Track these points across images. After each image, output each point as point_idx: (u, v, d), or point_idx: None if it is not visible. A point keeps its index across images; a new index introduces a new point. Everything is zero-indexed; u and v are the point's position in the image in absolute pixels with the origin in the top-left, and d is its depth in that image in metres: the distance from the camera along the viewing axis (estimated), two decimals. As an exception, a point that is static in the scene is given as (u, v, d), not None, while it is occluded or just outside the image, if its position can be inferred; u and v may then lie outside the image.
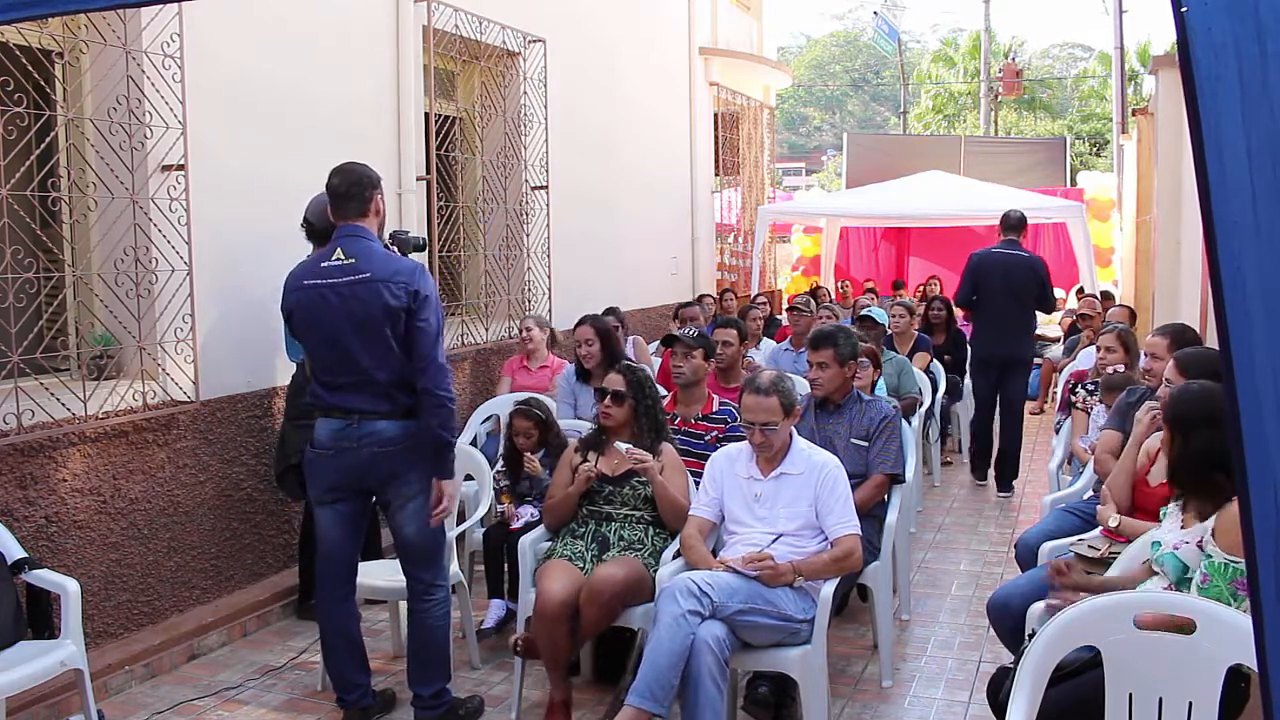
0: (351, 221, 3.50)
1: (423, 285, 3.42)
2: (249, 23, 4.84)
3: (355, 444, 3.46)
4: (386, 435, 3.46)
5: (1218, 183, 0.94)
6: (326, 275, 3.43)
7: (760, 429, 3.57)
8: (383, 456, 3.47)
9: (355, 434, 3.46)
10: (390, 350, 3.41)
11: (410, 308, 3.38)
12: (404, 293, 3.37)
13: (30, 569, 3.44)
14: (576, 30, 7.99)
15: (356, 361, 3.41)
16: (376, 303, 3.36)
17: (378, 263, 3.43)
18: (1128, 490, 3.63)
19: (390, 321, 3.38)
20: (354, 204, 3.50)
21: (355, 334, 3.40)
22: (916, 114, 32.08)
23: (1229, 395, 0.96)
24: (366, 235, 3.49)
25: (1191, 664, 2.32)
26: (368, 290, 3.37)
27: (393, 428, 3.47)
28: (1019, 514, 6.63)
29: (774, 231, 13.91)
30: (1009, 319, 7.13)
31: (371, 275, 3.39)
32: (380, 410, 3.45)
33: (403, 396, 3.46)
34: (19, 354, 3.83)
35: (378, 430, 3.46)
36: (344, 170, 3.53)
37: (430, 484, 3.51)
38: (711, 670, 3.12)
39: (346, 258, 3.42)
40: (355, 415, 3.46)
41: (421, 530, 3.55)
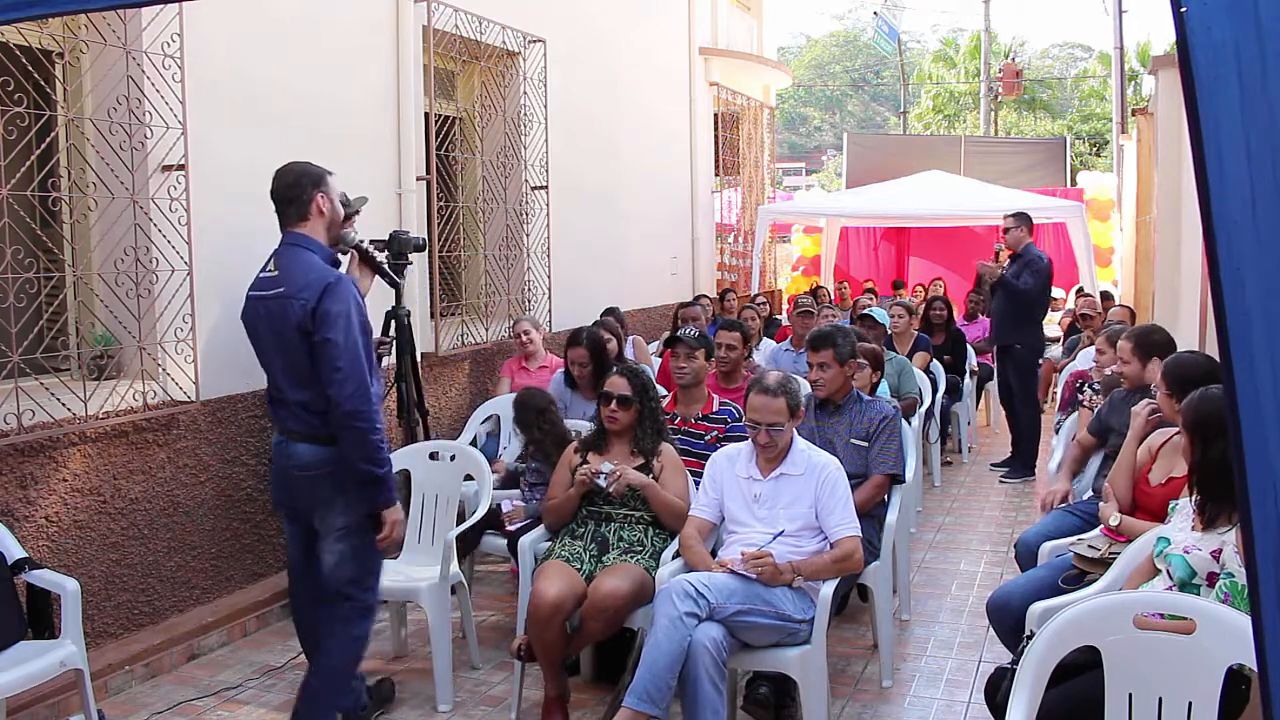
0: (292, 228, 3.26)
1: (326, 300, 3.10)
2: (249, 23, 4.84)
3: (284, 464, 3.31)
4: (304, 459, 3.24)
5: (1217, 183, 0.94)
6: (259, 287, 3.28)
7: (766, 429, 3.57)
8: (304, 482, 3.25)
9: (283, 453, 3.30)
10: (306, 370, 3.18)
11: (307, 327, 3.11)
12: (303, 310, 3.10)
13: (30, 569, 3.44)
14: (576, 30, 7.99)
15: (279, 380, 3.26)
16: (289, 320, 3.15)
17: (293, 276, 3.17)
18: (1129, 489, 3.63)
19: (303, 339, 3.14)
20: (293, 208, 3.25)
21: (276, 351, 3.24)
22: (916, 114, 32.08)
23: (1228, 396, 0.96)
24: (303, 243, 3.24)
25: (1191, 664, 2.32)
26: (282, 307, 3.17)
27: (309, 452, 3.23)
28: (1019, 514, 6.63)
29: (774, 231, 13.91)
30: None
31: (284, 291, 3.17)
32: (299, 432, 3.25)
33: (319, 421, 3.21)
34: (19, 354, 3.83)
35: (297, 453, 3.25)
36: (281, 172, 3.29)
37: (359, 517, 3.25)
38: (709, 671, 3.12)
39: (274, 269, 3.23)
40: (284, 433, 3.30)
41: (340, 562, 3.26)
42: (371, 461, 3.13)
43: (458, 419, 6.34)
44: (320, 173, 3.27)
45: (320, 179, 3.26)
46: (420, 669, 4.25)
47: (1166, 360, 3.77)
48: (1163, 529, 3.01)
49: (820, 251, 15.16)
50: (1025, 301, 7.56)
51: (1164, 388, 3.63)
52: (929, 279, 12.94)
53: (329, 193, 3.26)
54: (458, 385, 6.58)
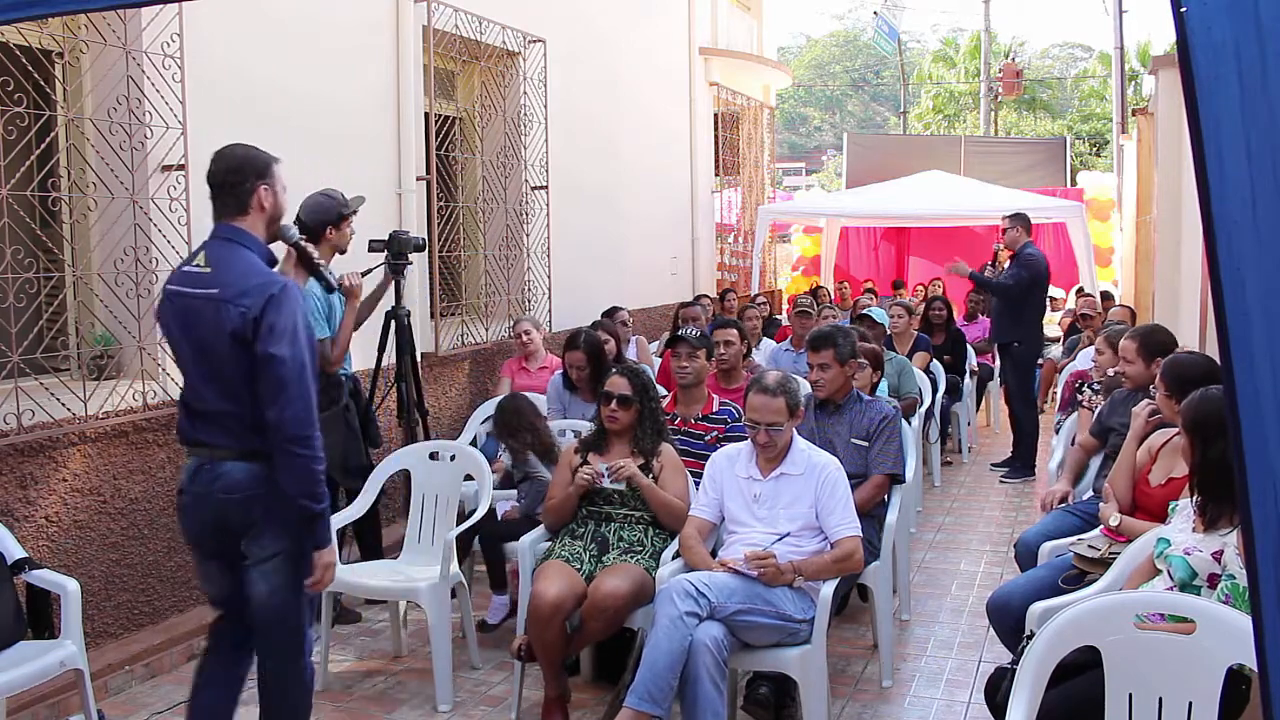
0: (228, 220, 2.84)
1: (272, 311, 2.70)
2: (249, 23, 4.84)
3: (206, 489, 2.82)
4: (233, 479, 2.80)
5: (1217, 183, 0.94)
6: (182, 282, 2.83)
7: (766, 429, 3.57)
8: (232, 506, 2.80)
9: (208, 476, 2.82)
10: (237, 383, 2.77)
11: (247, 338, 2.70)
12: (243, 319, 2.69)
13: (30, 569, 3.44)
14: (576, 30, 7.99)
15: (203, 389, 2.83)
16: (220, 327, 2.73)
17: (231, 277, 2.76)
18: (1129, 489, 3.63)
19: (235, 352, 2.73)
20: (230, 198, 2.84)
21: (199, 358, 2.82)
22: (916, 114, 32.07)
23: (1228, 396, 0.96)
24: (240, 239, 2.83)
25: (1191, 664, 2.32)
26: (213, 311, 2.74)
27: (240, 470, 2.80)
28: (1019, 514, 6.63)
29: (774, 231, 13.91)
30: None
31: (219, 293, 2.74)
32: (225, 448, 2.82)
33: (252, 436, 2.79)
34: (19, 354, 3.83)
35: (225, 473, 2.80)
36: (222, 155, 2.88)
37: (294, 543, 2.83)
38: (710, 671, 3.12)
39: (205, 265, 2.81)
40: (205, 451, 2.85)
41: (274, 591, 2.85)
42: (311, 497, 2.76)
43: (458, 419, 6.34)
44: (266, 160, 2.88)
45: (265, 168, 2.87)
46: (420, 669, 4.25)
47: (1165, 360, 3.77)
48: (1163, 530, 3.00)
49: (820, 251, 15.16)
50: (1010, 297, 7.65)
51: (1163, 388, 3.63)
52: (929, 279, 12.93)
53: (273, 184, 2.88)
54: (458, 385, 6.58)
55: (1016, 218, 7.75)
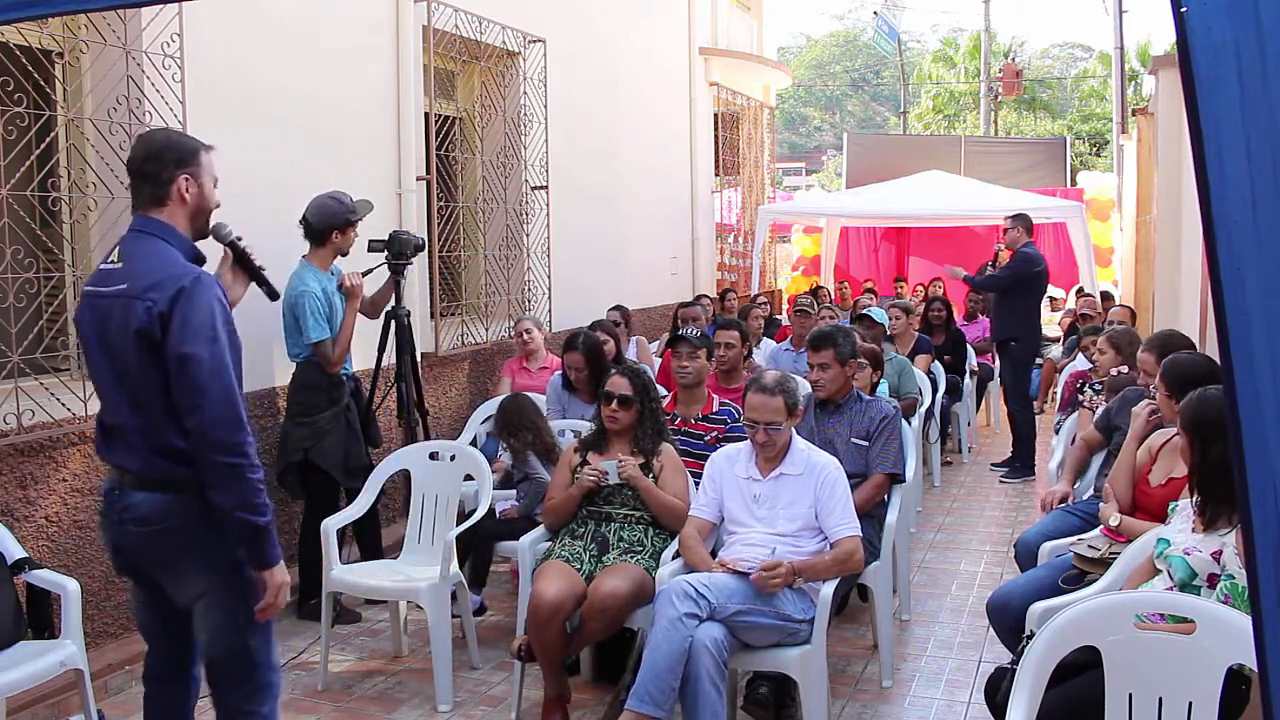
0: (145, 211, 2.56)
1: (183, 306, 2.41)
2: (249, 23, 4.84)
3: (119, 517, 2.54)
4: (141, 511, 2.49)
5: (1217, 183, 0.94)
6: (97, 281, 2.56)
7: (764, 428, 3.57)
8: (145, 540, 2.52)
9: (118, 504, 2.54)
10: (144, 394, 2.46)
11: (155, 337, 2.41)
12: (148, 314, 2.40)
13: (30, 569, 3.44)
14: (576, 30, 7.99)
15: (113, 400, 2.53)
16: (127, 327, 2.43)
17: (139, 271, 2.47)
18: (1129, 489, 3.63)
19: (144, 354, 2.43)
20: (148, 187, 2.55)
21: (108, 366, 2.51)
22: (916, 114, 32.07)
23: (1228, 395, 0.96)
24: (157, 231, 2.53)
25: (1191, 664, 2.32)
26: (121, 309, 2.45)
27: (149, 503, 2.49)
28: (1019, 514, 6.63)
29: (774, 231, 13.90)
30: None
31: (127, 288, 2.45)
32: (135, 474, 2.51)
33: (162, 461, 2.48)
34: (19, 354, 3.83)
35: (134, 504, 2.51)
36: (140, 140, 2.63)
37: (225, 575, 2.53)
38: (710, 672, 3.12)
39: (117, 260, 2.53)
40: (118, 476, 2.56)
41: (216, 639, 2.57)
42: (250, 509, 2.43)
43: (458, 419, 6.34)
44: (192, 147, 2.59)
45: (190, 155, 2.57)
46: (420, 669, 4.25)
47: (1165, 360, 3.77)
48: (1163, 530, 3.00)
49: (820, 251, 15.16)
50: (1001, 289, 7.73)
51: (1163, 388, 3.63)
52: (929, 279, 12.93)
53: (198, 174, 2.57)
54: (458, 385, 6.58)
55: (1018, 218, 7.78)
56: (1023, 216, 7.81)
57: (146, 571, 2.62)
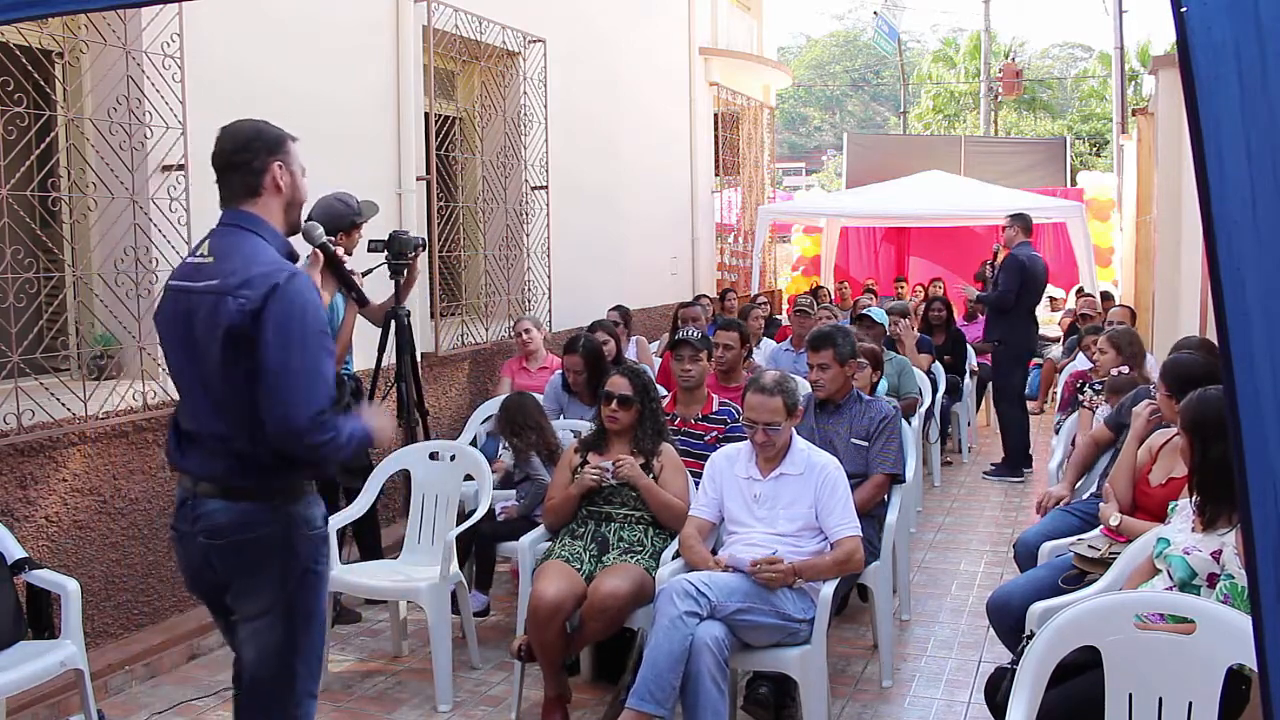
0: (237, 205, 2.46)
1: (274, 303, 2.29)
2: (249, 23, 4.84)
3: (189, 527, 2.43)
4: (216, 521, 2.38)
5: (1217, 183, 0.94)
6: (185, 276, 2.45)
7: (763, 428, 3.57)
8: (215, 552, 2.40)
9: (191, 514, 2.42)
10: (228, 396, 2.36)
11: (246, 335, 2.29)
12: (240, 312, 2.29)
13: (30, 569, 3.44)
14: (576, 30, 7.99)
15: (196, 402, 2.43)
16: (215, 324, 2.32)
17: (231, 266, 2.35)
18: (1129, 489, 3.64)
19: (231, 352, 2.32)
20: (239, 177, 2.44)
21: (191, 365, 2.41)
22: (916, 114, 32.07)
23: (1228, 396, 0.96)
24: (251, 225, 2.43)
25: (1191, 664, 2.32)
26: (210, 306, 2.34)
27: (225, 512, 2.38)
28: (1019, 514, 6.63)
29: (774, 231, 13.90)
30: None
31: (219, 284, 2.34)
32: (210, 481, 2.40)
33: (243, 468, 2.38)
34: (19, 354, 3.83)
35: (209, 513, 2.39)
36: (225, 132, 2.47)
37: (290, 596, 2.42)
38: (711, 670, 3.12)
39: (207, 255, 2.42)
40: (191, 483, 2.44)
41: (265, 659, 2.45)
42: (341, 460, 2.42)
43: (458, 419, 6.34)
44: (278, 135, 2.47)
45: (277, 143, 2.45)
46: (420, 669, 4.25)
47: (1166, 360, 3.77)
48: (1163, 530, 3.00)
49: (820, 251, 15.16)
50: (1006, 308, 7.72)
51: (1164, 388, 3.63)
52: (929, 279, 12.93)
53: (289, 162, 2.46)
54: (458, 385, 6.58)
55: (1016, 217, 7.78)
56: (1021, 216, 7.81)
57: (216, 587, 2.48)
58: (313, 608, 2.47)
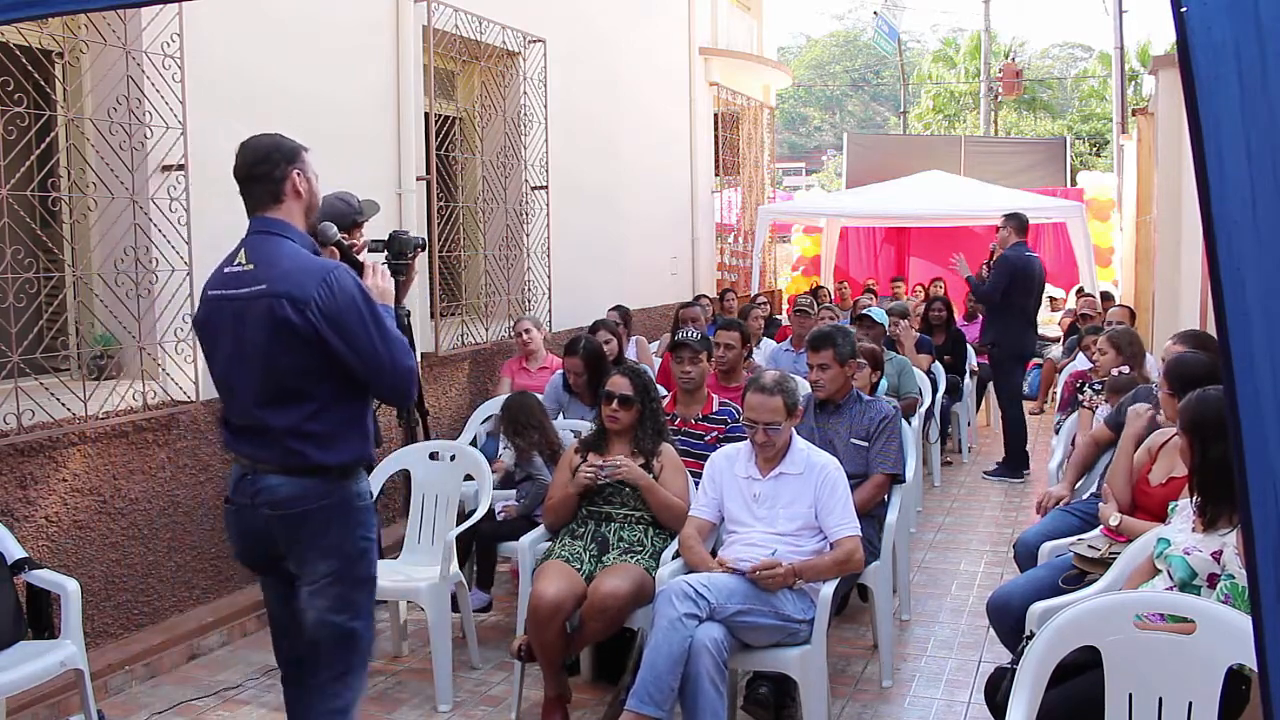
0: (264, 212, 2.66)
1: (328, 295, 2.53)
2: (249, 23, 4.84)
3: (249, 500, 2.67)
4: (280, 495, 2.61)
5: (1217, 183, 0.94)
6: (225, 285, 2.66)
7: (764, 428, 3.56)
8: (278, 522, 2.63)
9: (250, 489, 2.66)
10: (291, 387, 2.58)
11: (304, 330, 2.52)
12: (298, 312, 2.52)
13: (30, 569, 3.44)
14: (576, 30, 7.99)
15: (244, 399, 2.65)
16: (270, 325, 2.54)
17: (279, 271, 2.57)
18: (1128, 489, 3.64)
19: (290, 350, 2.55)
20: (262, 186, 2.65)
21: (243, 365, 2.62)
22: (916, 114, 32.06)
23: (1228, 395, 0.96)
24: (280, 230, 2.65)
25: (1191, 664, 2.32)
26: (262, 308, 2.55)
27: (288, 486, 2.61)
28: (1019, 514, 6.63)
29: (774, 231, 13.90)
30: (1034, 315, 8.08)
31: (267, 288, 2.55)
32: (274, 461, 2.63)
33: (302, 447, 2.59)
34: (19, 354, 3.83)
35: (270, 487, 2.62)
36: (247, 145, 2.69)
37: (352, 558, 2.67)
38: (710, 672, 3.12)
39: (247, 263, 2.62)
40: (250, 463, 2.68)
41: (327, 619, 2.65)
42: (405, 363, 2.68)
43: (458, 419, 6.34)
44: (294, 146, 2.70)
45: (293, 154, 2.68)
46: (420, 669, 4.25)
47: (1168, 360, 3.76)
48: (1163, 530, 3.00)
49: (820, 251, 15.16)
50: (992, 303, 7.73)
51: (1166, 387, 3.63)
52: (929, 279, 12.93)
53: (305, 170, 2.69)
54: (458, 385, 6.58)
55: (1010, 217, 7.76)
56: (1015, 216, 7.77)
57: (274, 556, 2.69)
58: (369, 573, 2.71)
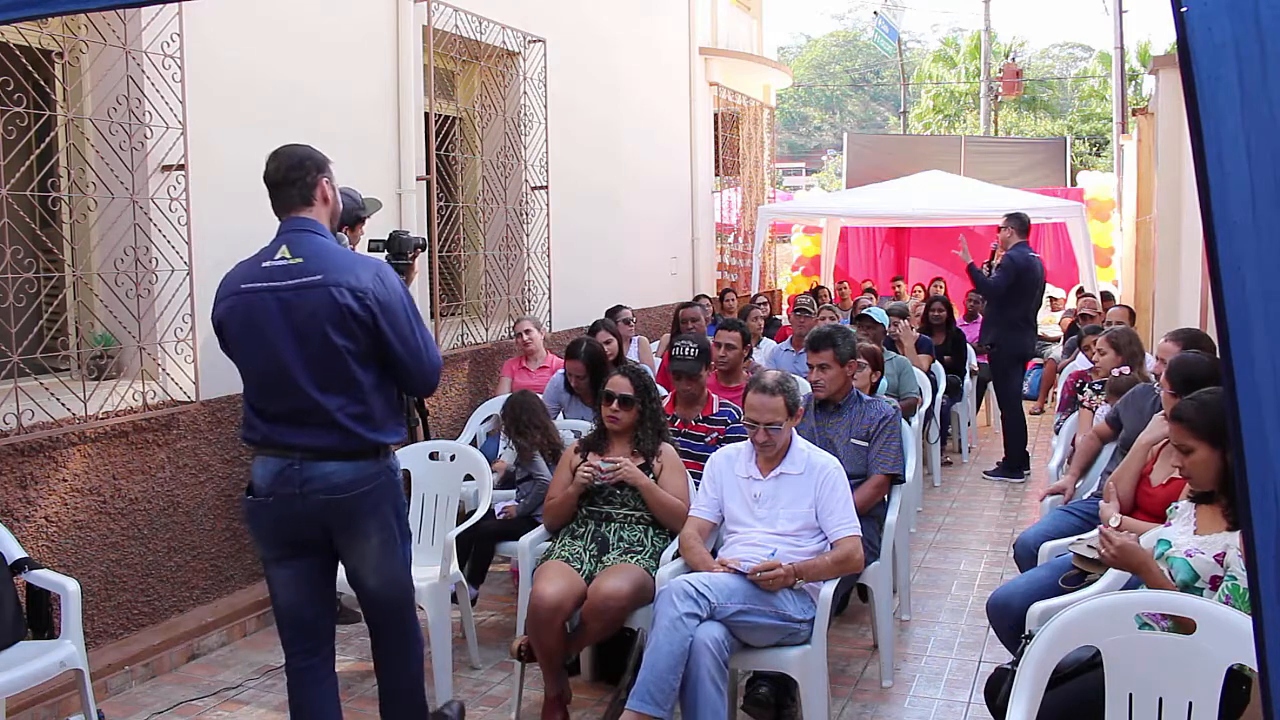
0: (296, 213, 2.91)
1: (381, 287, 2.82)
2: (249, 23, 4.84)
3: (297, 489, 2.82)
4: (337, 480, 2.82)
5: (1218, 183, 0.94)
6: (268, 277, 2.82)
7: (764, 428, 3.56)
8: (334, 505, 2.83)
9: (297, 478, 2.82)
10: (344, 373, 2.79)
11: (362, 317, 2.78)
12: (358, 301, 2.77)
13: (30, 569, 3.44)
14: (576, 30, 7.99)
15: (299, 385, 2.79)
16: (328, 313, 2.76)
17: (332, 262, 2.81)
18: (1132, 489, 3.64)
19: (346, 336, 2.77)
20: (295, 190, 2.90)
21: (300, 351, 2.78)
22: (916, 114, 32.08)
23: (1229, 395, 0.96)
24: (317, 229, 2.89)
25: (1191, 664, 2.32)
26: (319, 297, 2.77)
27: (345, 471, 2.83)
28: (1019, 514, 6.63)
29: (774, 231, 13.91)
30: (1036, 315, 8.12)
31: (324, 278, 2.78)
32: (328, 448, 2.81)
33: (360, 430, 2.82)
34: (19, 354, 3.83)
35: (325, 474, 2.82)
36: (281, 153, 2.94)
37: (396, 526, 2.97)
38: (710, 672, 3.12)
39: (293, 256, 2.82)
40: (295, 453, 2.83)
41: (391, 578, 2.99)
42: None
43: (458, 419, 6.34)
44: (322, 158, 2.98)
45: (325, 164, 2.97)
46: (420, 669, 4.24)
47: (1171, 360, 3.76)
48: (1162, 531, 3.00)
49: (820, 251, 15.16)
50: (994, 298, 7.72)
51: (1168, 387, 3.63)
52: (929, 279, 12.94)
53: (331, 179, 2.98)
54: (458, 385, 6.58)
55: (1011, 218, 7.76)
56: (1016, 216, 7.78)
57: (311, 540, 2.91)
58: (408, 531, 3.05)
